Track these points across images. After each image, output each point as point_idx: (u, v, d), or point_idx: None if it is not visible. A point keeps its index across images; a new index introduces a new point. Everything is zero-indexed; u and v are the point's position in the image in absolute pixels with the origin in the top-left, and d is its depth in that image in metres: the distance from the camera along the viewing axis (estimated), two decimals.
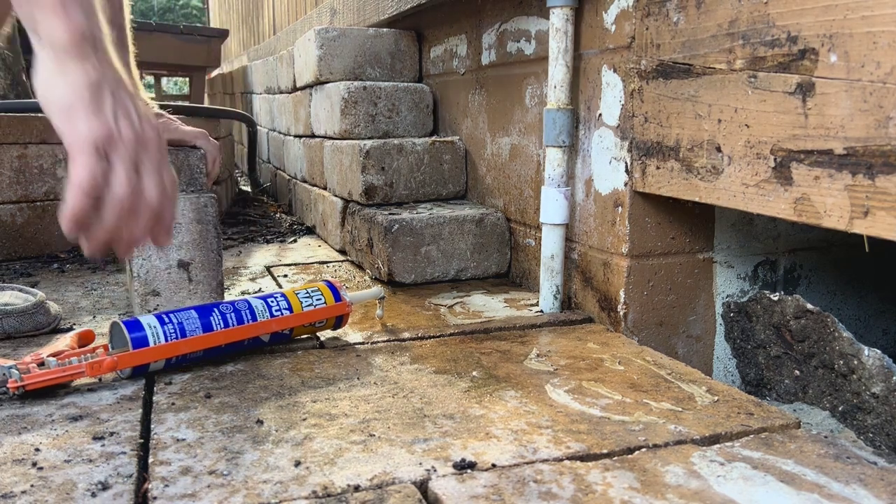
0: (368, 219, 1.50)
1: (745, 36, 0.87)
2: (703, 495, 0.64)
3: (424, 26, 1.87)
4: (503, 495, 0.64)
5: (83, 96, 0.68)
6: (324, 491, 0.65)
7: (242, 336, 0.98)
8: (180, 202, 1.14)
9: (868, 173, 0.74)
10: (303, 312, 1.03)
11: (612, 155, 1.12)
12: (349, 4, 2.28)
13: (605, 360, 0.99)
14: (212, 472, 0.69)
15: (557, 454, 0.72)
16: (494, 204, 1.53)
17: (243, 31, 5.64)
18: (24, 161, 1.72)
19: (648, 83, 1.04)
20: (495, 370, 0.96)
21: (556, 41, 1.16)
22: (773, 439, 0.75)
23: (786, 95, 0.83)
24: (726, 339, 1.14)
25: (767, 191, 0.86)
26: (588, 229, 1.19)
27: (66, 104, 0.68)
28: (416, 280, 1.42)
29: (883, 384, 0.86)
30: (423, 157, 1.61)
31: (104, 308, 1.28)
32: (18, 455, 0.73)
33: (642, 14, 1.05)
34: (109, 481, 0.68)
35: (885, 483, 0.66)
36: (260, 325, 0.99)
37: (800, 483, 0.66)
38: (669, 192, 1.02)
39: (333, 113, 1.77)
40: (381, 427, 0.79)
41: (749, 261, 1.15)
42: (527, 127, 1.38)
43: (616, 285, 1.11)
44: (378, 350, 1.05)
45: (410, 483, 0.67)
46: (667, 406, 0.83)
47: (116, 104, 0.69)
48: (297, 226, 2.22)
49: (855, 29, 0.74)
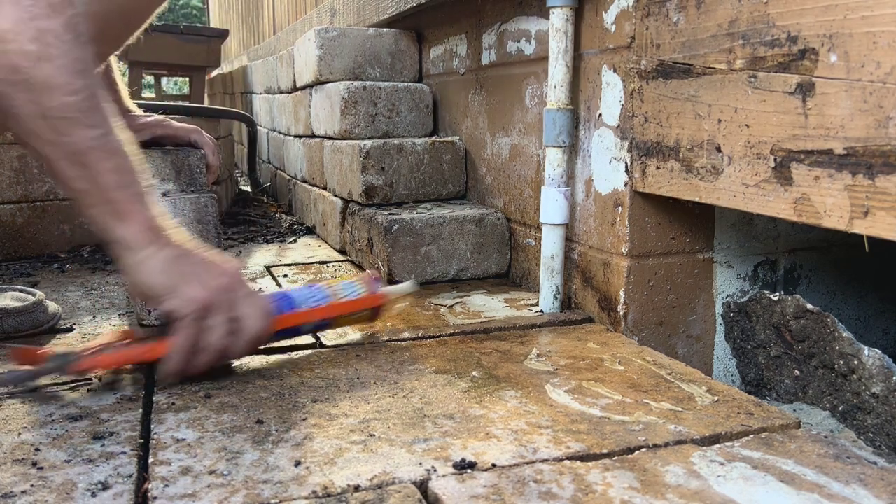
0: (368, 219, 1.50)
1: (745, 36, 0.87)
2: (703, 495, 0.64)
3: (424, 26, 1.87)
4: (503, 495, 0.64)
5: (180, 273, 0.80)
6: (324, 491, 0.65)
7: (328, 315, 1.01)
8: (180, 202, 1.14)
9: (868, 173, 0.74)
10: (352, 300, 1.04)
11: (612, 155, 1.12)
12: (349, 4, 2.28)
13: (605, 360, 0.99)
14: (212, 472, 0.69)
15: (557, 454, 0.72)
16: (494, 204, 1.53)
17: (243, 31, 5.64)
18: (24, 161, 1.72)
19: (648, 83, 1.04)
20: (495, 370, 0.96)
21: (556, 41, 1.16)
22: (773, 439, 0.75)
23: (786, 95, 0.83)
24: (726, 339, 1.14)
25: (767, 191, 0.86)
26: (588, 229, 1.19)
27: (167, 285, 0.80)
28: (416, 280, 1.42)
29: (883, 384, 0.86)
30: (423, 157, 1.61)
31: (104, 308, 1.28)
32: (18, 455, 0.73)
33: (642, 14, 1.05)
34: (109, 481, 0.68)
35: (885, 483, 0.66)
36: (333, 306, 1.03)
37: (800, 483, 0.66)
38: (669, 192, 1.02)
39: (333, 113, 1.77)
40: (381, 427, 0.79)
41: (749, 261, 1.15)
42: (527, 127, 1.38)
43: (616, 285, 1.11)
44: (378, 350, 1.05)
45: (410, 483, 0.67)
46: (667, 406, 0.83)
47: (198, 265, 0.82)
48: (297, 226, 2.22)
49: (855, 29, 0.74)
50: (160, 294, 0.81)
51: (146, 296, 0.83)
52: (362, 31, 1.86)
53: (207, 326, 0.83)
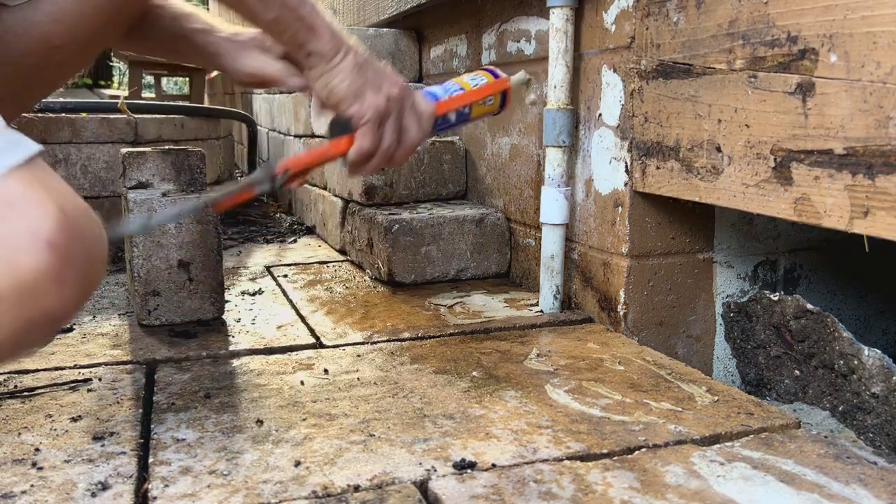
0: (368, 219, 1.50)
1: (745, 36, 0.87)
2: (703, 495, 0.64)
3: (424, 26, 1.87)
4: (503, 495, 0.64)
5: (364, 79, 0.88)
6: (324, 491, 0.65)
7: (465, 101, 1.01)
8: (180, 202, 1.14)
9: (868, 173, 0.74)
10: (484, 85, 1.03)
11: (612, 155, 1.12)
12: (349, 4, 2.28)
13: (605, 360, 0.99)
14: (212, 472, 0.69)
15: (557, 454, 0.72)
16: (494, 204, 1.53)
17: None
18: None
19: (648, 83, 1.04)
20: (495, 370, 0.96)
21: (556, 41, 1.16)
22: (773, 439, 0.75)
23: (786, 95, 0.83)
24: (726, 339, 1.14)
25: (767, 191, 0.86)
26: (588, 229, 1.19)
27: (354, 91, 0.87)
28: (416, 280, 1.42)
29: (883, 384, 0.86)
30: (423, 157, 1.61)
31: (104, 308, 1.28)
32: (18, 455, 0.73)
33: (642, 14, 1.05)
34: (109, 481, 0.68)
35: (885, 483, 0.66)
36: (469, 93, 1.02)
37: (800, 483, 0.66)
38: (669, 192, 1.02)
39: None
40: (381, 427, 0.79)
41: (749, 261, 1.15)
42: (527, 127, 1.38)
43: (616, 285, 1.11)
44: (378, 350, 1.05)
45: (410, 483, 0.67)
46: (667, 406, 0.83)
47: (376, 74, 0.88)
48: (297, 226, 2.22)
49: (855, 29, 0.74)
50: (346, 98, 0.88)
51: (333, 101, 0.89)
52: (362, 31, 1.86)
53: (381, 133, 0.90)
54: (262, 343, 1.08)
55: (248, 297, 1.36)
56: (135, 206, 1.11)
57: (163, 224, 1.14)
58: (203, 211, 1.14)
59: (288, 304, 1.31)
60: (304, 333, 1.13)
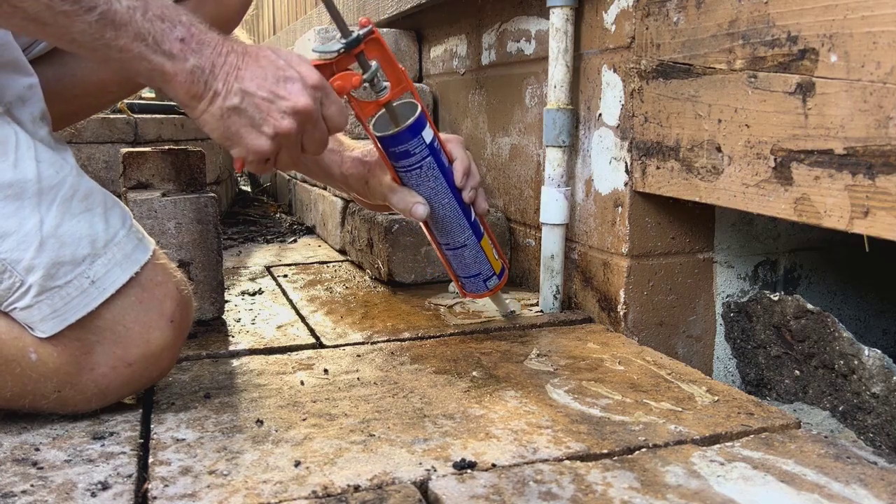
0: (368, 219, 1.50)
1: (745, 36, 0.87)
2: (703, 495, 0.64)
3: (424, 26, 1.87)
4: (503, 495, 0.64)
5: (239, 122, 0.78)
6: (324, 491, 0.65)
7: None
8: (180, 202, 1.14)
9: (868, 173, 0.74)
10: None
11: (612, 155, 1.13)
12: (349, 4, 2.28)
13: (605, 360, 0.99)
14: (212, 472, 0.69)
15: (557, 454, 0.72)
16: (494, 204, 1.53)
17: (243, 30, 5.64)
18: None
19: (648, 83, 1.04)
20: (495, 370, 0.96)
21: (556, 41, 1.16)
22: (773, 439, 0.75)
23: (786, 95, 0.83)
24: (726, 339, 1.14)
25: (767, 191, 0.86)
26: (588, 229, 1.19)
27: (227, 137, 0.79)
28: (416, 280, 1.42)
29: (883, 384, 0.87)
30: None
31: None
32: (18, 455, 0.73)
33: (642, 14, 1.05)
34: (109, 481, 0.68)
35: (885, 483, 0.66)
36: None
37: (800, 483, 0.66)
38: (669, 192, 1.02)
39: None
40: (381, 427, 0.79)
41: (749, 261, 1.15)
42: (527, 127, 1.38)
43: (616, 285, 1.11)
44: (378, 350, 1.05)
45: (410, 483, 0.67)
46: (667, 406, 0.83)
47: (258, 108, 0.77)
48: (296, 226, 2.22)
49: (855, 29, 0.74)
50: (223, 144, 0.82)
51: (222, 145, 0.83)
52: None
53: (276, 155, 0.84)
54: (262, 343, 1.08)
55: (248, 297, 1.36)
56: (134, 206, 1.11)
57: None
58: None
59: (288, 304, 1.31)
60: (304, 333, 1.13)
